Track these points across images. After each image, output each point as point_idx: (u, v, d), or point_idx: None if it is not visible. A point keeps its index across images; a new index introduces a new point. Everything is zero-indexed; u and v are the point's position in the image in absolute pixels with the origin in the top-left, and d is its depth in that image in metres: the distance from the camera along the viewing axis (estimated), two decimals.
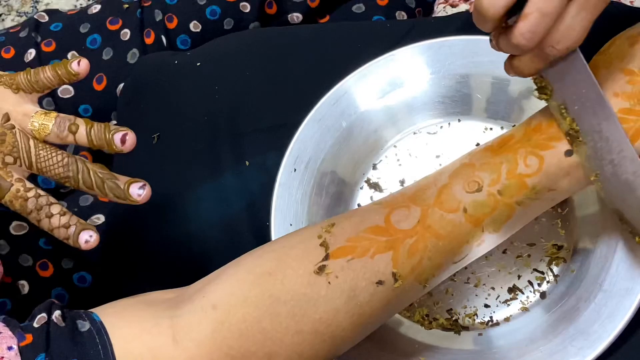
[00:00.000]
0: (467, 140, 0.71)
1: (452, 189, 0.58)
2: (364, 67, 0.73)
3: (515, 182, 0.56)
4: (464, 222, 0.57)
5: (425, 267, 0.57)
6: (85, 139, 0.57)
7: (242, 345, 0.55)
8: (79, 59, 0.59)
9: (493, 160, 0.57)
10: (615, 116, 0.54)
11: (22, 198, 0.56)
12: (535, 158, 0.56)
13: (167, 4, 0.84)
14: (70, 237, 0.56)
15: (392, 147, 0.73)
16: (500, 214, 0.57)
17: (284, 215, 0.70)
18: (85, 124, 0.58)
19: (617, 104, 0.55)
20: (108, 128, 0.58)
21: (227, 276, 0.58)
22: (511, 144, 0.58)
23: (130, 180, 0.58)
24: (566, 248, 0.66)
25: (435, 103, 0.72)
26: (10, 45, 0.83)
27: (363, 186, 0.72)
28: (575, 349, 0.60)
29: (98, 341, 0.53)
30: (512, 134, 0.59)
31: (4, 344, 0.51)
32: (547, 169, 0.56)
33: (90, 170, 0.57)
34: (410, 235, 0.57)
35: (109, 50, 0.83)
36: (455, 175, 0.58)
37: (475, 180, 0.57)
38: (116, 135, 0.58)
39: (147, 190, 0.58)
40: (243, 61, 0.79)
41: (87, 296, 0.74)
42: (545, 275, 0.66)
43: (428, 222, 0.57)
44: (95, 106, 0.84)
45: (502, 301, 0.66)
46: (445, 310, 0.67)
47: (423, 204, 0.58)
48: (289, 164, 0.71)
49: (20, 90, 0.59)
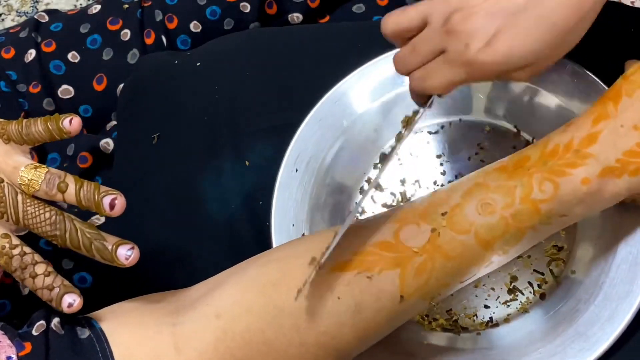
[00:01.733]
0: (468, 140, 0.70)
1: (464, 210, 0.57)
2: (365, 66, 0.73)
3: (528, 208, 0.56)
4: (474, 245, 0.57)
5: (432, 287, 0.57)
6: (74, 199, 0.55)
7: (246, 355, 0.54)
8: (71, 116, 0.56)
9: (507, 183, 0.57)
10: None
11: (7, 255, 0.54)
12: (550, 184, 0.55)
13: (167, 4, 0.84)
14: (54, 299, 0.54)
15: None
16: (511, 238, 0.57)
17: (284, 215, 0.70)
18: (74, 183, 0.55)
19: (636, 137, 0.55)
20: (98, 189, 0.55)
21: (231, 284, 0.57)
22: (527, 167, 0.57)
23: (118, 242, 0.55)
24: (566, 249, 0.66)
25: (437, 102, 0.72)
26: (11, 46, 0.83)
27: (364, 186, 0.72)
28: (574, 351, 0.60)
29: (98, 349, 0.53)
30: (528, 155, 0.58)
31: (3, 353, 0.51)
32: (562, 196, 0.55)
33: (78, 230, 0.55)
34: (419, 254, 0.56)
35: (109, 50, 0.83)
36: (469, 195, 0.58)
37: (488, 202, 0.56)
38: (105, 199, 0.55)
39: (135, 253, 0.55)
40: (243, 61, 0.79)
41: (87, 297, 0.74)
42: (545, 277, 0.66)
43: (438, 242, 0.56)
44: (95, 106, 0.84)
45: (501, 302, 0.66)
46: (445, 310, 0.67)
47: (434, 222, 0.57)
48: (290, 163, 0.71)
49: (11, 140, 0.57)
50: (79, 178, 0.56)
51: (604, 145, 0.55)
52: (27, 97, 0.82)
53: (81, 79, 0.83)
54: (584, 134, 0.56)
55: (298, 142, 0.71)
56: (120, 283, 0.74)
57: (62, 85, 0.83)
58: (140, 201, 0.76)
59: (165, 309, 0.57)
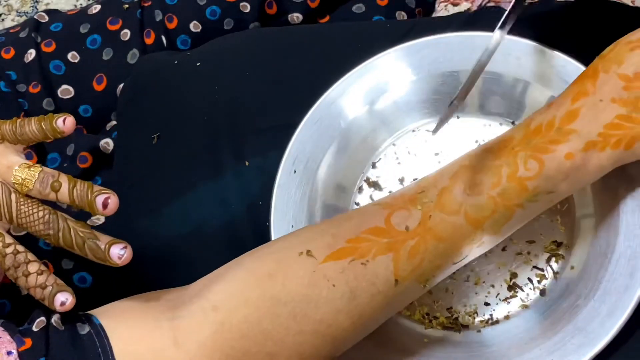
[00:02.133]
0: (466, 137, 0.70)
1: (453, 192, 0.58)
2: (362, 66, 0.73)
3: (515, 186, 0.57)
4: (464, 225, 0.57)
5: (426, 269, 0.58)
6: (67, 198, 0.55)
7: (244, 345, 0.54)
8: (64, 116, 0.56)
9: (493, 163, 0.58)
10: None
11: (0, 254, 0.55)
12: (535, 162, 0.57)
13: (167, 4, 0.84)
14: (46, 298, 0.54)
15: (390, 146, 0.73)
16: (501, 216, 0.57)
17: (283, 216, 0.70)
18: (68, 182, 0.55)
19: (615, 110, 0.56)
20: (91, 189, 0.55)
21: (227, 277, 0.58)
22: (511, 147, 0.58)
23: (111, 242, 0.55)
24: (566, 245, 0.66)
25: (433, 100, 0.72)
26: (10, 46, 0.83)
27: (362, 185, 0.72)
28: (574, 347, 0.59)
29: (98, 344, 0.53)
30: (512, 135, 0.59)
31: (3, 349, 0.51)
32: (547, 172, 0.56)
33: (72, 229, 0.55)
34: (411, 237, 0.57)
35: (109, 50, 0.83)
36: (456, 178, 0.59)
37: (476, 183, 0.57)
38: (98, 198, 0.55)
39: (128, 252, 0.55)
40: (243, 61, 0.79)
41: (87, 297, 0.74)
42: (545, 273, 0.65)
43: (429, 224, 0.57)
44: (95, 107, 0.84)
45: (502, 299, 0.66)
46: (445, 308, 0.66)
47: (424, 205, 0.58)
48: (288, 164, 0.71)
49: (5, 140, 0.57)
50: (72, 177, 0.56)
51: (585, 120, 0.56)
52: (27, 97, 0.82)
53: (81, 79, 0.83)
54: (565, 111, 0.57)
55: (296, 144, 0.71)
56: (120, 283, 0.74)
57: (62, 85, 0.83)
58: (140, 201, 0.76)
59: (164, 305, 0.57)
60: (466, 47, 0.70)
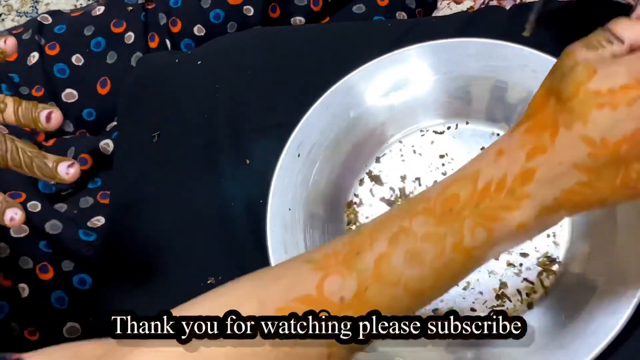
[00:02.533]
0: (472, 144, 0.71)
1: (391, 260, 0.51)
2: (377, 60, 0.73)
3: (460, 256, 0.51)
4: (404, 297, 0.51)
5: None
6: (13, 118, 0.56)
7: None
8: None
9: (436, 230, 0.51)
10: None
11: None
12: (483, 230, 0.50)
13: (171, 7, 0.84)
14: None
15: (397, 143, 0.73)
16: (443, 284, 0.52)
17: (282, 198, 0.70)
18: (13, 103, 0.56)
19: (576, 177, 0.48)
20: (35, 106, 0.56)
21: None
22: (456, 210, 0.51)
23: (58, 159, 0.56)
24: (559, 261, 0.66)
25: (445, 103, 0.72)
26: None
27: (364, 177, 0.72)
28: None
29: None
30: (457, 193, 0.51)
31: None
32: (496, 241, 0.50)
33: (19, 149, 0.55)
34: (344, 310, 0.50)
35: (113, 54, 0.83)
36: (395, 243, 0.51)
37: (417, 252, 0.51)
38: (42, 113, 0.56)
39: (75, 168, 0.55)
40: (243, 61, 0.79)
41: (87, 299, 0.74)
42: (535, 287, 0.66)
43: (366, 296, 0.51)
44: (99, 110, 0.84)
45: (488, 307, 0.66)
46: (431, 310, 0.66)
47: (360, 274, 0.51)
48: (293, 147, 0.71)
49: None
50: (18, 98, 0.57)
51: (540, 184, 0.49)
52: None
53: (85, 83, 0.83)
54: (518, 170, 0.49)
55: (303, 128, 0.71)
56: (120, 284, 0.74)
57: (66, 89, 0.83)
58: (140, 201, 0.76)
59: None
60: (495, 54, 0.70)
